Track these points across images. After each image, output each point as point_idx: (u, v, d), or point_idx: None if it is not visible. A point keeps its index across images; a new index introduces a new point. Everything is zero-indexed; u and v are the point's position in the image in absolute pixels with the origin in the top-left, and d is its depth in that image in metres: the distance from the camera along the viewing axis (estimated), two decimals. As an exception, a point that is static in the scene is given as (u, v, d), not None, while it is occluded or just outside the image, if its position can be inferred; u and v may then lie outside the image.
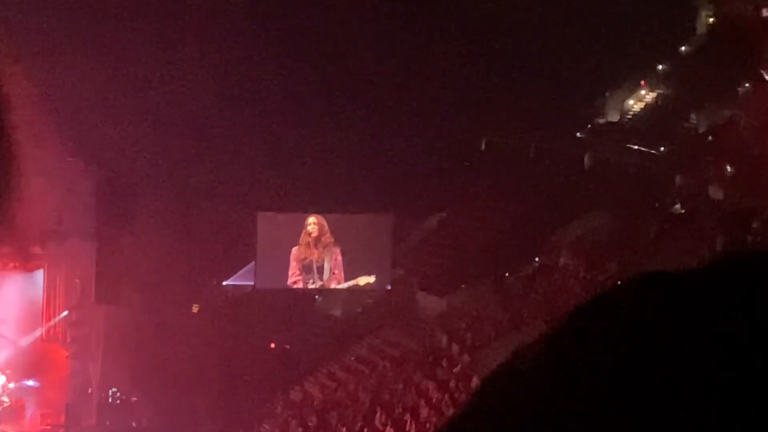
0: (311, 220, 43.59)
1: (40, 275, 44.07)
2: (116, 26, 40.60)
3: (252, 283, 44.17)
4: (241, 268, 44.29)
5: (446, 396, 32.14)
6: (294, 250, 43.51)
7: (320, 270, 43.81)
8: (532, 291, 37.44)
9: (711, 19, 46.46)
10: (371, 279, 43.76)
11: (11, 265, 43.71)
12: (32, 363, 42.90)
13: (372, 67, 42.37)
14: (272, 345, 44.13)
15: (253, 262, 43.90)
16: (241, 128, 42.91)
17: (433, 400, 32.68)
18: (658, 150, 42.32)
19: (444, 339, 37.32)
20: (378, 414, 34.16)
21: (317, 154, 42.43)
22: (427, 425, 31.04)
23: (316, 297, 45.41)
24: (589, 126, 46.27)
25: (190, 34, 40.00)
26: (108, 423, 40.36)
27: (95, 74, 40.18)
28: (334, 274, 43.88)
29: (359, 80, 42.59)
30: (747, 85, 40.92)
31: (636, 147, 42.97)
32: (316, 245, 43.66)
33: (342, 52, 42.43)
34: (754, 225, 33.49)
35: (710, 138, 40.62)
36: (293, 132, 43.08)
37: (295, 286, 43.93)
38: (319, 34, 42.52)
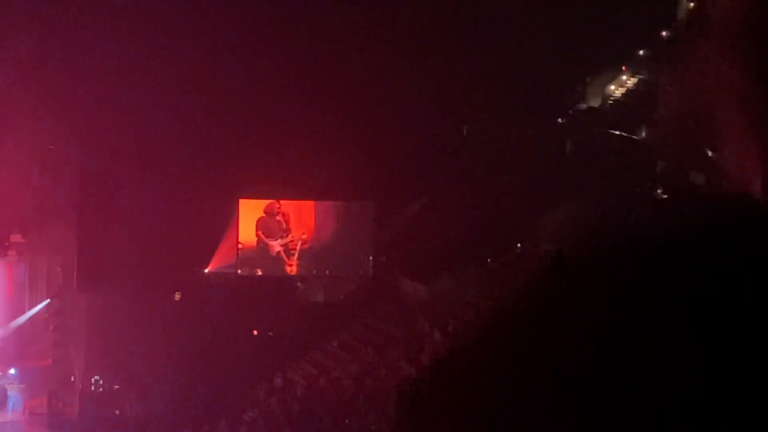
0: (293, 207, 43.59)
1: (21, 264, 43.98)
2: (96, 17, 40.44)
3: (234, 270, 44.13)
4: (224, 255, 44.22)
5: (429, 382, 32.11)
6: (276, 236, 43.48)
7: (302, 256, 43.81)
8: (514, 277, 37.42)
9: (692, 4, 46.45)
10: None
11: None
12: (15, 351, 42.84)
13: (352, 56, 42.34)
14: (255, 332, 44.12)
15: (235, 249, 43.85)
16: (223, 116, 42.83)
17: (416, 386, 32.68)
18: (639, 135, 42.36)
19: (426, 325, 37.34)
20: (361, 400, 34.18)
21: (299, 142, 42.35)
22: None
23: (299, 284, 45.39)
24: (571, 112, 46.28)
25: (170, 25, 39.85)
26: (91, 411, 40.31)
27: (76, 64, 40.07)
28: (315, 260, 43.87)
29: (340, 69, 42.53)
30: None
31: (617, 132, 43.00)
32: (298, 232, 43.67)
33: (322, 43, 42.35)
34: (735, 210, 33.53)
35: (692, 123, 40.64)
36: (275, 120, 42.99)
37: (277, 273, 43.90)
38: (299, 25, 42.41)
